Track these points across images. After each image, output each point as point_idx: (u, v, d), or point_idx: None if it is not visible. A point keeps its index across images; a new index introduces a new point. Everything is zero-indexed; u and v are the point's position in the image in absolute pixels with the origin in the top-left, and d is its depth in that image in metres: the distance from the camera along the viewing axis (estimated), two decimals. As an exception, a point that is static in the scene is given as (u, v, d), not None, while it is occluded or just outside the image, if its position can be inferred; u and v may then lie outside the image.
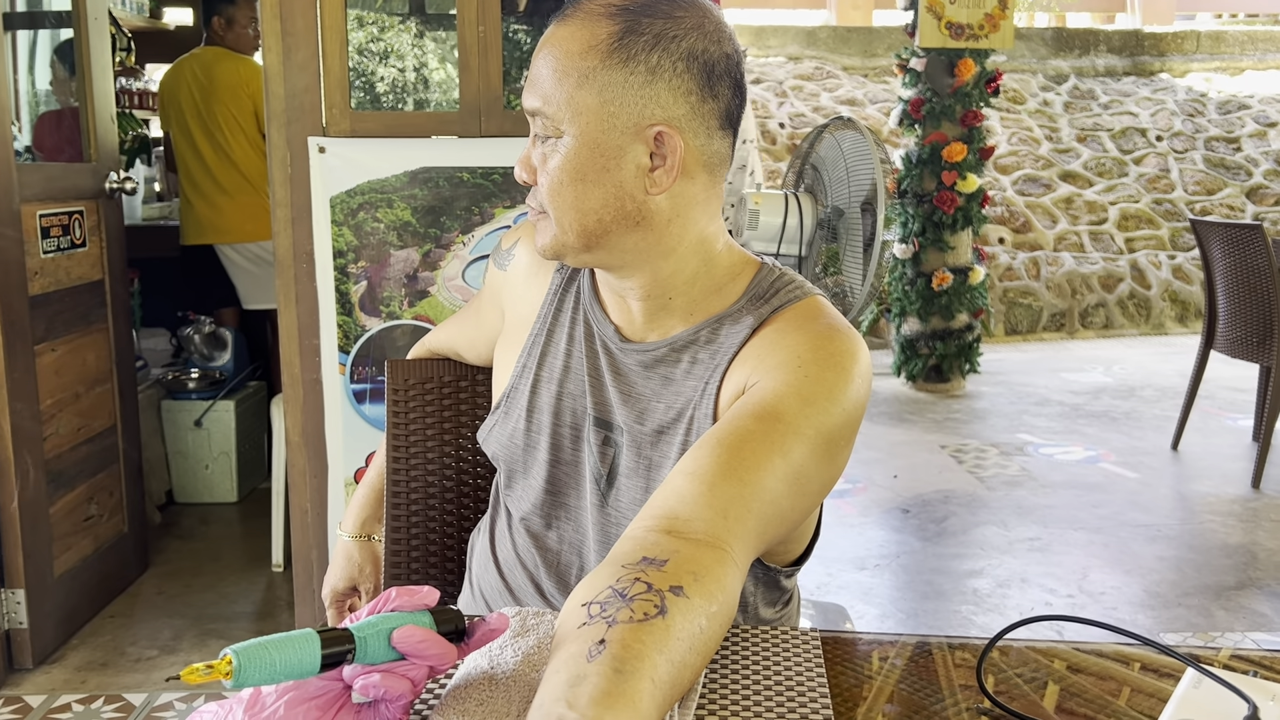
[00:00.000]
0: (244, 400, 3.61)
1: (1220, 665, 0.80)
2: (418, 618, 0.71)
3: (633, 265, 1.00)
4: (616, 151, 0.94)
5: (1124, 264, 7.17)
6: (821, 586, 2.98)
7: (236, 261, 3.67)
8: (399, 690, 0.68)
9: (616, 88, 0.93)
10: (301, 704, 0.67)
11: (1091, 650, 0.83)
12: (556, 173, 0.95)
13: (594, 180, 0.95)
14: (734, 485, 0.83)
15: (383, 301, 2.22)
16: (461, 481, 1.33)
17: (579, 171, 0.95)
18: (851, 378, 0.93)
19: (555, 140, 0.95)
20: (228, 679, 0.63)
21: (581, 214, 0.96)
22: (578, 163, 0.94)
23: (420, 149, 2.20)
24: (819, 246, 2.36)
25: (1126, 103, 8.31)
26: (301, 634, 0.66)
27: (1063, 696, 0.76)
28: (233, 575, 3.03)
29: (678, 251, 1.00)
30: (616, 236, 0.97)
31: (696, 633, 0.69)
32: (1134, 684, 0.78)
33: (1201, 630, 2.73)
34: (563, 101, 0.93)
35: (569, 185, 0.95)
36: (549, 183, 0.96)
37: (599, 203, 0.96)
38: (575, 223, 0.96)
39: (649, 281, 1.00)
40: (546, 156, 0.96)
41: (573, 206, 0.96)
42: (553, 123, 0.94)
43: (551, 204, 0.97)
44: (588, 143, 0.94)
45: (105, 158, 2.84)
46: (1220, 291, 3.99)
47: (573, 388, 1.07)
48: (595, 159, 0.94)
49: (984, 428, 4.75)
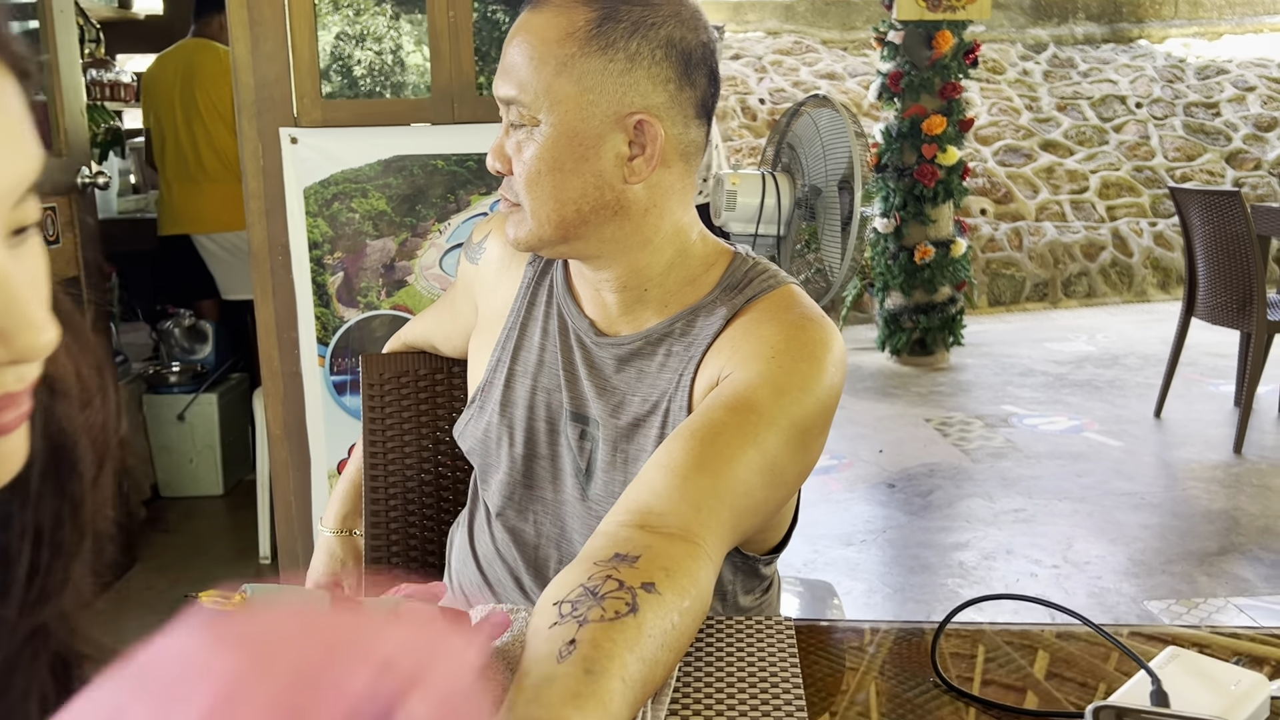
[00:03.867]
0: (227, 392, 3.59)
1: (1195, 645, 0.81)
2: None
3: (609, 256, 0.99)
4: (595, 140, 0.93)
5: (1105, 232, 7.19)
6: (808, 563, 3.00)
7: (214, 252, 3.65)
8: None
9: (595, 75, 0.92)
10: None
11: (1050, 628, 0.84)
12: (533, 162, 0.94)
13: (571, 170, 0.94)
14: (707, 478, 0.83)
15: (360, 292, 2.21)
16: (440, 475, 1.32)
17: (556, 161, 0.93)
18: (825, 367, 0.93)
19: (531, 129, 0.94)
20: None
21: (559, 204, 0.95)
22: (555, 152, 0.93)
23: (393, 137, 2.18)
24: (797, 225, 2.36)
25: (1106, 70, 8.30)
26: (315, 590, 0.66)
27: (1018, 674, 0.76)
28: (220, 569, 3.02)
29: (654, 242, 0.99)
30: (594, 227, 0.96)
31: (669, 629, 0.69)
32: (1118, 655, 0.79)
33: (1185, 597, 2.76)
34: (540, 90, 0.92)
35: (546, 175, 0.94)
36: (525, 172, 0.95)
37: (577, 192, 0.95)
38: (553, 213, 0.95)
39: (625, 272, 1.00)
40: (522, 145, 0.95)
41: (551, 196, 0.95)
42: (529, 111, 0.93)
43: (528, 194, 0.95)
44: (565, 131, 0.93)
45: (76, 152, 2.81)
46: (1200, 258, 4.01)
47: (547, 382, 1.06)
48: (573, 148, 0.93)
49: (968, 400, 4.77)
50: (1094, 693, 0.74)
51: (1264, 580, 2.84)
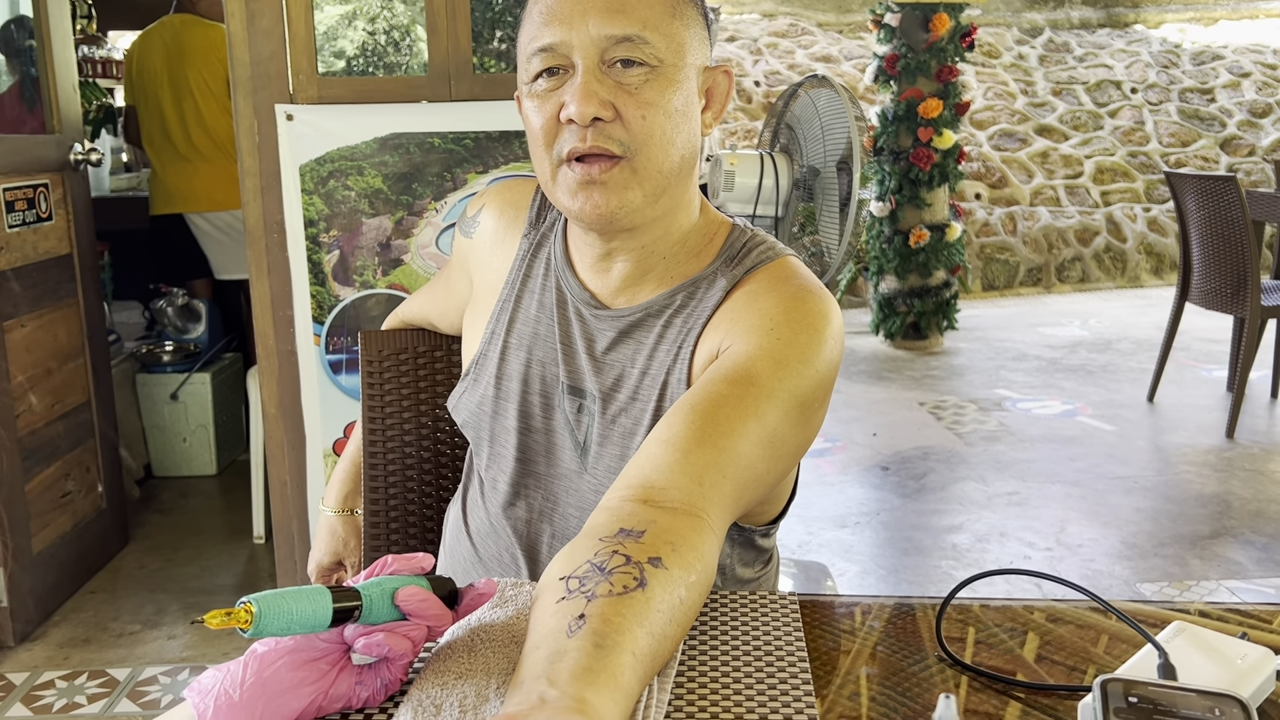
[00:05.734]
0: (220, 372, 3.58)
1: (1197, 614, 0.81)
2: (415, 581, 0.71)
3: (657, 220, 0.96)
4: (693, 88, 0.94)
5: (1100, 217, 7.19)
6: (802, 545, 3.00)
7: (207, 231, 3.62)
8: (401, 649, 0.68)
9: (692, 24, 0.94)
10: (303, 666, 0.67)
11: (1055, 603, 0.84)
12: (659, 104, 0.90)
13: (682, 114, 0.93)
14: (709, 451, 0.82)
15: (356, 271, 2.20)
16: (439, 452, 1.32)
17: (678, 105, 0.92)
18: (824, 339, 0.92)
19: (652, 69, 0.90)
20: (246, 627, 0.63)
21: (671, 152, 0.92)
22: (677, 94, 0.92)
23: (390, 115, 2.16)
24: (795, 206, 2.35)
25: (1101, 55, 8.29)
26: (313, 589, 0.66)
27: (1024, 649, 0.77)
28: (214, 548, 3.02)
29: (687, 206, 1.00)
30: (678, 181, 0.95)
31: (676, 604, 0.69)
32: (1113, 632, 0.79)
33: (1177, 579, 2.77)
34: (664, 29, 0.91)
35: (666, 119, 0.91)
36: (649, 115, 0.90)
37: (684, 140, 0.93)
38: (664, 163, 0.92)
39: (652, 239, 0.98)
40: (639, 88, 0.90)
41: (669, 142, 0.92)
42: (653, 50, 0.90)
43: (646, 139, 0.90)
44: (684, 74, 0.93)
45: (69, 128, 2.79)
46: (1195, 243, 4.01)
47: (542, 354, 1.05)
48: (684, 93, 0.93)
49: (962, 384, 4.77)
50: (1097, 667, 0.74)
51: (1255, 563, 2.86)
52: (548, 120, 0.92)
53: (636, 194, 0.92)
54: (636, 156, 0.91)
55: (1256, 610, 0.82)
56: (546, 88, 0.92)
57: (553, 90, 0.92)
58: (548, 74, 0.92)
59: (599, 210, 0.92)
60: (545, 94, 0.92)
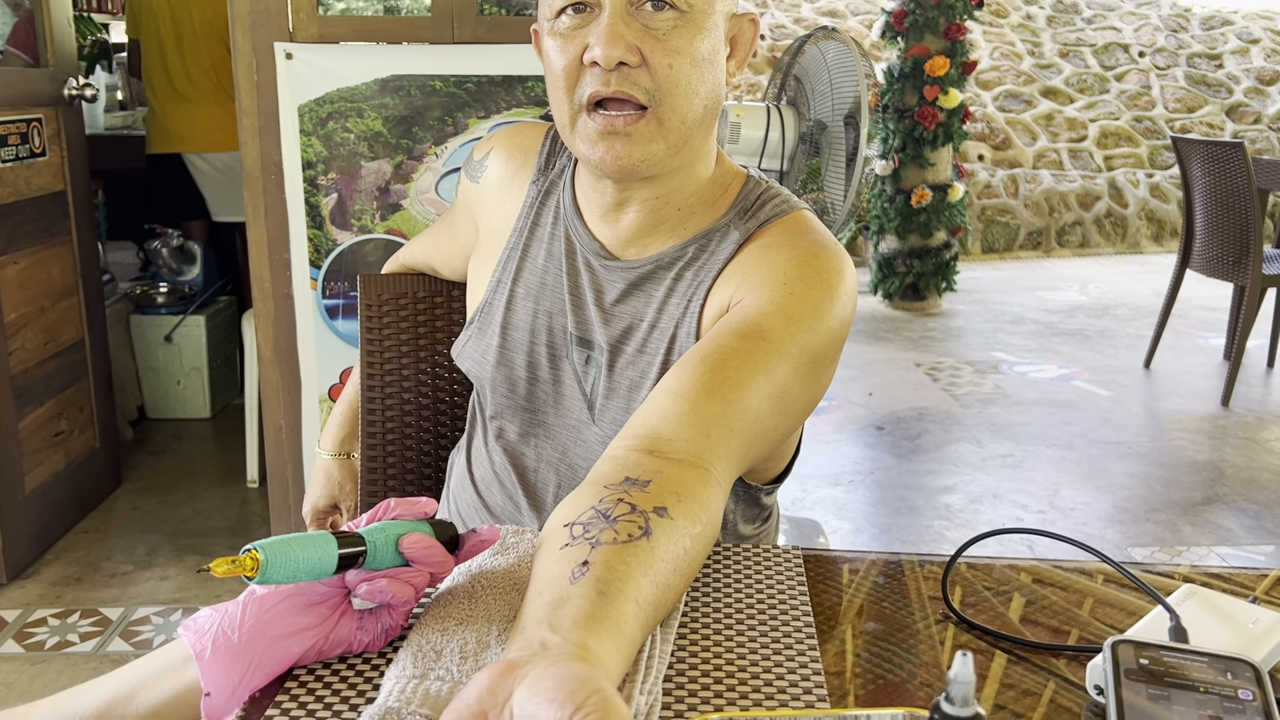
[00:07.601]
0: (215, 315, 3.55)
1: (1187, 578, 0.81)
2: (418, 526, 0.70)
3: (677, 170, 0.94)
4: (720, 35, 0.92)
5: (1102, 182, 7.15)
6: (796, 502, 3.01)
7: (205, 171, 3.58)
8: (404, 595, 0.67)
9: None
10: (303, 610, 0.66)
11: (1056, 564, 0.83)
12: (688, 50, 0.88)
13: (709, 61, 0.90)
14: (717, 404, 0.81)
15: (354, 215, 2.17)
16: (438, 399, 1.31)
17: (700, 54, 0.89)
18: (837, 295, 0.91)
19: (681, 14, 0.87)
20: (252, 575, 0.62)
21: (691, 104, 0.90)
22: (706, 40, 0.89)
23: (391, 56, 2.12)
24: (800, 161, 2.32)
25: (1110, 17, 8.19)
26: (319, 535, 0.65)
27: (1028, 609, 0.76)
28: (207, 491, 3.01)
29: (707, 157, 0.98)
30: (700, 131, 0.93)
31: (680, 554, 0.68)
32: (1098, 595, 0.78)
33: (1168, 545, 2.78)
34: None
35: (692, 67, 0.88)
36: (676, 62, 0.87)
37: (709, 89, 0.91)
38: (690, 111, 0.90)
39: (669, 190, 0.96)
40: (668, 34, 0.87)
41: (695, 90, 0.89)
42: None
43: (672, 86, 0.88)
44: (713, 20, 0.90)
45: (63, 63, 2.74)
46: (1199, 210, 3.98)
47: (550, 304, 1.03)
48: (711, 39, 0.90)
49: (959, 346, 4.77)
50: (1080, 629, 0.73)
51: (1246, 530, 2.87)
52: (570, 62, 0.89)
53: (660, 145, 0.90)
54: (661, 106, 0.88)
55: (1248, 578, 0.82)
56: (570, 26, 0.89)
57: (577, 29, 0.89)
58: (574, 9, 0.88)
59: (620, 162, 0.90)
60: (569, 33, 0.89)
